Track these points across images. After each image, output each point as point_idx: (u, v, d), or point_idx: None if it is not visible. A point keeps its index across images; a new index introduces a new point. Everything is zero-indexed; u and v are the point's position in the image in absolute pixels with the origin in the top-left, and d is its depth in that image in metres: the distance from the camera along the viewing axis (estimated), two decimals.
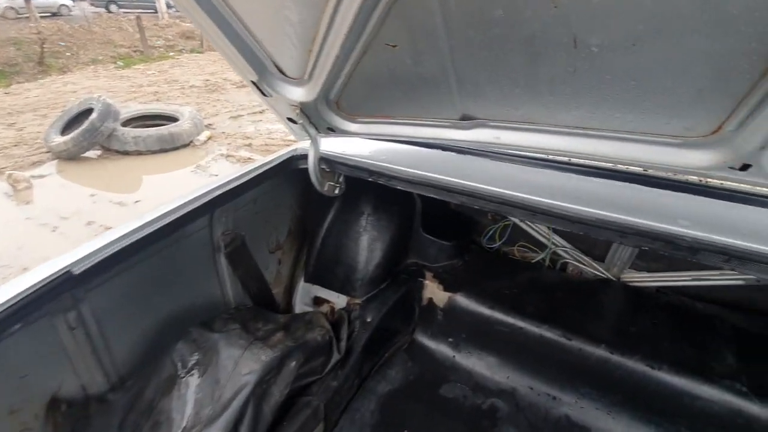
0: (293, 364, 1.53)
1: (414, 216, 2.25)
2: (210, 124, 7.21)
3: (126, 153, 6.04)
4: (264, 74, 1.38)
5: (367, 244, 2.11)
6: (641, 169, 1.21)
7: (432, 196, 1.47)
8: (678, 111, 0.94)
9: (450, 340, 2.09)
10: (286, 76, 1.37)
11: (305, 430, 1.52)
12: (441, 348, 2.10)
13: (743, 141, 0.91)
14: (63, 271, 1.16)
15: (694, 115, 0.93)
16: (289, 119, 1.58)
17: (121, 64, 12.12)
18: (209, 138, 6.61)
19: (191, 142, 6.40)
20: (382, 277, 2.14)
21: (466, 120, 1.28)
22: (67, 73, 10.96)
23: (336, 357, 1.74)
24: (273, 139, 6.65)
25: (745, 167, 0.94)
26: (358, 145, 1.75)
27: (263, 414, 1.40)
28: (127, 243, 1.30)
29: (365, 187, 1.73)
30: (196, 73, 11.19)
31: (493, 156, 1.45)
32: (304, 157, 1.73)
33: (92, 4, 21.56)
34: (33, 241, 4.16)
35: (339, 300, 2.16)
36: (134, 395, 1.43)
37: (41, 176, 5.50)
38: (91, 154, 6.01)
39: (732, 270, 1.08)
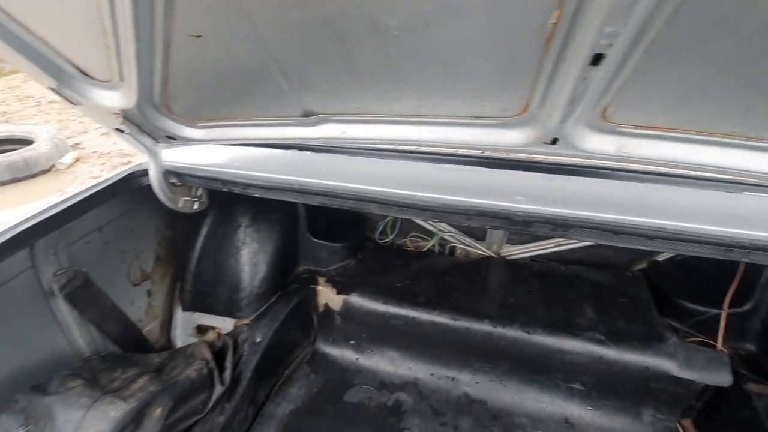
0: (158, 411, 1.33)
1: (298, 221, 2.14)
2: (77, 144, 6.24)
3: None
4: (64, 79, 1.15)
5: (249, 258, 1.95)
6: (480, 151, 1.27)
7: (290, 200, 1.38)
8: (490, 93, 0.97)
9: (352, 342, 2.04)
10: (93, 78, 1.16)
11: None
12: (344, 353, 2.04)
13: (547, 117, 0.97)
14: None
15: (504, 95, 0.96)
16: (117, 129, 1.36)
17: None
18: (77, 160, 5.71)
19: (53, 166, 5.46)
20: (271, 291, 2.00)
21: (309, 116, 1.21)
22: None
23: (219, 390, 1.57)
24: None
25: (554, 141, 1.01)
26: (213, 153, 1.58)
27: None
28: None
29: (239, 196, 1.58)
30: None
31: (346, 151, 1.41)
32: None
33: None
34: None
35: (225, 324, 1.97)
36: None
37: None
38: None
39: (561, 237, 1.17)
